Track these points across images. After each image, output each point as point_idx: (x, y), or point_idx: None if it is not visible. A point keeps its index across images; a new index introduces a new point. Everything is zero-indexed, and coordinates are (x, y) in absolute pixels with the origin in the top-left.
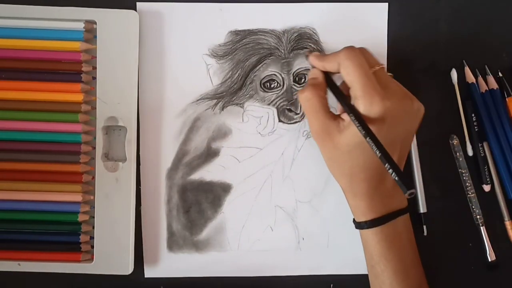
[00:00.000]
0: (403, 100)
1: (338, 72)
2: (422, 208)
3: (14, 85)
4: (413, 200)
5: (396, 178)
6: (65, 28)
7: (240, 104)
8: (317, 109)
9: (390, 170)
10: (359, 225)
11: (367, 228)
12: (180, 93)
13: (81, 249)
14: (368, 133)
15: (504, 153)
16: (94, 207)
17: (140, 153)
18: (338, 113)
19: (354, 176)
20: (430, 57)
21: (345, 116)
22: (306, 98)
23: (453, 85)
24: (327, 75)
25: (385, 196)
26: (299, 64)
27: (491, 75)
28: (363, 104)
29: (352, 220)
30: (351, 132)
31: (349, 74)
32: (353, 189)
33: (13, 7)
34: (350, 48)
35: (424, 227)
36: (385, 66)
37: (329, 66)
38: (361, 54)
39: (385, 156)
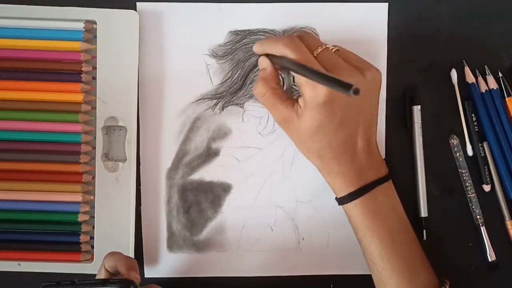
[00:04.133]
0: (351, 76)
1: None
2: (424, 213)
3: (14, 85)
4: (414, 204)
5: (333, 87)
6: (65, 28)
7: (240, 104)
8: (273, 101)
9: (325, 83)
10: (340, 201)
11: (348, 202)
12: (180, 93)
13: (81, 249)
14: (301, 68)
15: (504, 153)
16: (94, 207)
17: (140, 153)
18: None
19: (323, 156)
20: (430, 57)
21: (301, 101)
22: (260, 94)
23: (453, 85)
24: (273, 57)
25: (360, 169)
26: None
27: (491, 75)
28: (308, 89)
29: None
30: (309, 116)
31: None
32: (326, 168)
33: (13, 7)
34: (288, 37)
35: (424, 231)
36: (330, 45)
37: (270, 51)
38: (299, 42)
39: (312, 73)
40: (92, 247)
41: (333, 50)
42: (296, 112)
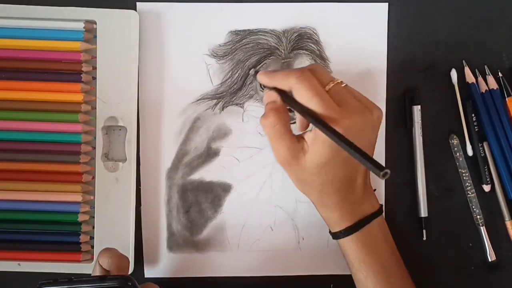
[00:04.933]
0: (362, 114)
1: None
2: (424, 213)
3: (14, 85)
4: (414, 204)
5: (370, 166)
6: (65, 28)
7: (240, 104)
8: (282, 134)
9: (366, 163)
10: (335, 236)
11: (343, 237)
12: (180, 93)
13: (81, 249)
14: (337, 136)
15: (504, 153)
16: (94, 207)
17: (140, 153)
18: (298, 131)
19: (323, 191)
20: (430, 57)
21: (307, 137)
22: (271, 125)
23: (453, 85)
24: (284, 93)
25: (355, 204)
26: (299, 64)
27: (491, 75)
28: None
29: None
30: (317, 151)
31: (302, 98)
32: (324, 203)
33: (13, 7)
34: (300, 71)
35: (424, 231)
36: (340, 80)
37: (280, 85)
38: (311, 76)
39: (356, 151)
40: (92, 247)
41: (343, 85)
42: (302, 147)
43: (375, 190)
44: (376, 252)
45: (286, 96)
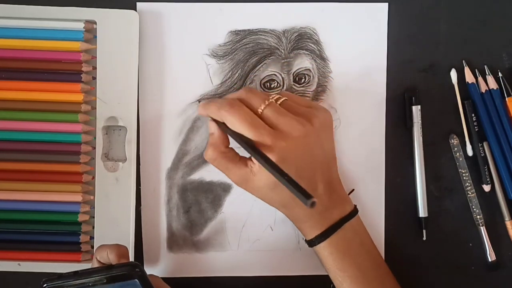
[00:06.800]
0: (299, 130)
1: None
2: (423, 213)
3: (14, 85)
4: (414, 204)
5: (295, 191)
6: (65, 28)
7: None
8: (225, 165)
9: (288, 185)
10: (310, 243)
11: (317, 244)
12: (180, 93)
13: (81, 249)
14: (267, 162)
15: (504, 153)
16: (94, 207)
17: (140, 153)
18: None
19: (287, 206)
20: (430, 57)
21: (254, 159)
22: (211, 159)
23: (453, 85)
24: (222, 123)
25: (323, 211)
26: (299, 64)
27: (491, 75)
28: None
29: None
30: (264, 173)
31: (235, 128)
32: (292, 215)
33: (13, 7)
34: (229, 103)
35: (424, 231)
36: (276, 96)
37: (215, 117)
38: (240, 105)
39: (285, 177)
40: (92, 247)
41: (280, 101)
42: (251, 170)
43: (352, 190)
44: (351, 257)
45: (224, 126)
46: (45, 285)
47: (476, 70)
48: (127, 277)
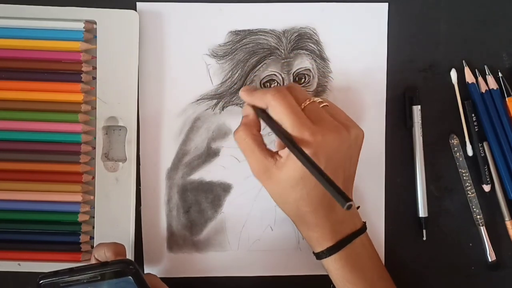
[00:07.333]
0: (337, 131)
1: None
2: (423, 213)
3: (14, 85)
4: (414, 204)
5: (332, 190)
6: (65, 28)
7: (240, 104)
8: (252, 148)
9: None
10: (318, 256)
11: (326, 257)
12: (180, 93)
13: (81, 249)
14: (306, 159)
15: (504, 153)
16: (94, 207)
17: (140, 153)
18: (276, 149)
19: (300, 209)
20: (430, 57)
21: (282, 152)
22: (240, 138)
23: (453, 85)
24: (261, 110)
25: (336, 223)
26: (299, 64)
27: (491, 75)
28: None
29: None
30: (290, 168)
31: (277, 114)
32: (303, 222)
33: (13, 7)
34: (276, 89)
35: (424, 231)
36: (320, 99)
37: (258, 103)
38: (287, 93)
39: (320, 175)
40: (92, 247)
41: (322, 105)
42: (275, 163)
43: (358, 207)
44: (360, 270)
45: (262, 113)
46: (41, 281)
47: (476, 70)
48: (121, 274)
